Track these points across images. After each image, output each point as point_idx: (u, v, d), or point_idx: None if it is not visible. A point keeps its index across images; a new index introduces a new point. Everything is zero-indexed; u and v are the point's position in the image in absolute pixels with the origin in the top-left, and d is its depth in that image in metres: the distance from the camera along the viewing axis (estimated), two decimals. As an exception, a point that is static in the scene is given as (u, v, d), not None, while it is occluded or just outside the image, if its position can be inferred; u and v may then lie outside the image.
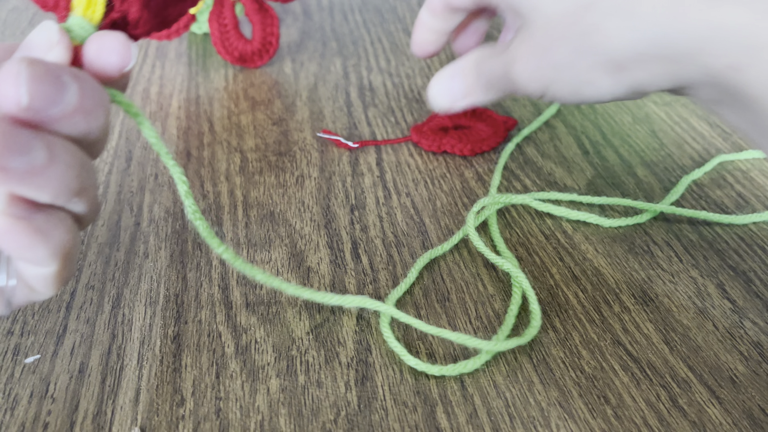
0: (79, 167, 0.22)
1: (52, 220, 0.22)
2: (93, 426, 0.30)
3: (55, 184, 0.21)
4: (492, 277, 0.38)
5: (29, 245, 0.21)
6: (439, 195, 0.45)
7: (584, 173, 0.47)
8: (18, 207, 0.21)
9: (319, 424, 0.30)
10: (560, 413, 0.30)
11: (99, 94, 0.22)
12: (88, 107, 0.21)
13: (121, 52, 0.23)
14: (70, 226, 0.23)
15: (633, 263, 0.39)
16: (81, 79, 0.21)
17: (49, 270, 0.23)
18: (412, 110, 0.54)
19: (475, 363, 0.32)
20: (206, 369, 0.32)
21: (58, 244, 0.22)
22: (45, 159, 0.20)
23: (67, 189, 0.22)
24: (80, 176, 0.22)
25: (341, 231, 0.41)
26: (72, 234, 0.23)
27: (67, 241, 0.23)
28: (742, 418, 0.30)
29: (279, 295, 0.36)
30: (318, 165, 0.47)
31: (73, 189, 0.22)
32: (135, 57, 0.23)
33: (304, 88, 0.57)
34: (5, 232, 0.21)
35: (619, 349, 0.34)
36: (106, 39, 0.23)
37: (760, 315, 0.36)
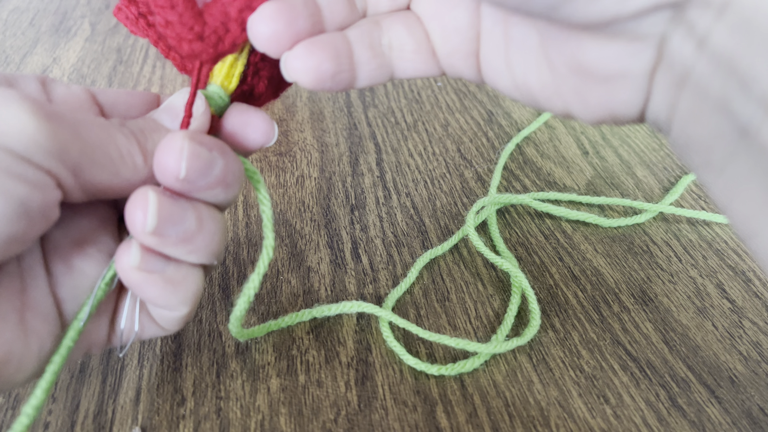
0: (221, 232, 0.23)
1: (182, 271, 0.23)
2: (94, 425, 0.30)
3: (202, 248, 0.23)
4: (491, 276, 0.38)
5: (162, 295, 0.23)
6: (439, 195, 0.45)
7: (584, 173, 0.47)
8: (151, 261, 0.22)
9: (320, 423, 0.30)
10: (560, 413, 0.31)
11: (238, 167, 0.23)
12: (229, 180, 0.23)
13: (266, 132, 0.24)
14: (201, 276, 0.24)
15: (632, 263, 0.39)
16: (226, 153, 0.22)
17: (180, 314, 0.24)
18: (412, 110, 0.54)
19: (475, 363, 0.32)
20: (207, 368, 0.32)
21: (189, 292, 0.23)
22: (195, 228, 0.22)
23: (211, 252, 0.23)
24: (221, 240, 0.24)
25: (341, 231, 0.41)
26: (201, 282, 0.24)
27: (197, 290, 0.24)
28: (741, 418, 0.30)
29: (279, 294, 0.36)
30: (318, 165, 0.47)
31: (215, 251, 0.23)
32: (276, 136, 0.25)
33: (304, 89, 0.57)
34: (140, 284, 0.22)
35: (618, 349, 0.34)
36: (254, 117, 0.24)
37: (759, 315, 0.36)
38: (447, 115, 0.54)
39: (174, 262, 0.23)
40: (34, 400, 0.21)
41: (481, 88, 0.58)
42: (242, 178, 0.24)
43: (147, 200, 0.21)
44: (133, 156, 0.21)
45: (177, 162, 0.21)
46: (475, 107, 0.55)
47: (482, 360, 0.32)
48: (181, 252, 0.22)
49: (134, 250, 0.22)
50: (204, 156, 0.21)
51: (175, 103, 0.24)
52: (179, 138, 0.21)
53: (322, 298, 0.36)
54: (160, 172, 0.21)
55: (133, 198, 0.21)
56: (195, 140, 0.21)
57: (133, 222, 0.21)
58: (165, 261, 0.22)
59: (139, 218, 0.21)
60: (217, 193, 0.22)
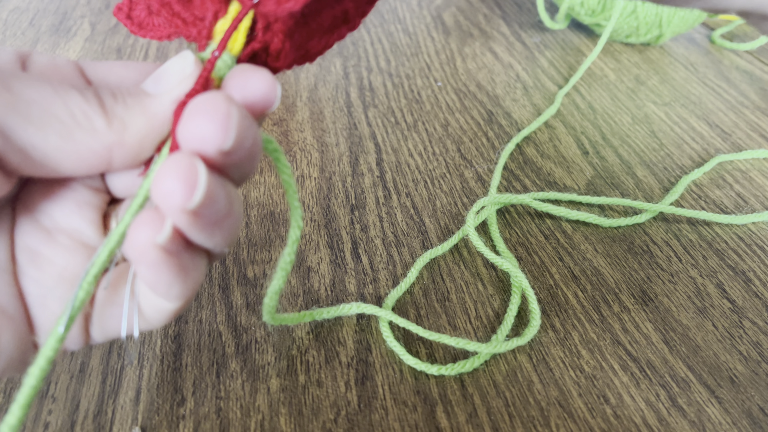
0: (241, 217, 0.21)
1: (195, 260, 0.21)
2: (94, 425, 0.30)
3: (228, 233, 0.20)
4: (491, 276, 0.38)
5: (171, 282, 0.20)
6: (439, 195, 0.45)
7: (584, 173, 0.47)
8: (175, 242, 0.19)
9: (320, 423, 0.30)
10: (560, 412, 0.31)
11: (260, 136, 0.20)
12: (255, 150, 0.20)
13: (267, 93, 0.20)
14: (206, 265, 0.22)
15: (632, 263, 0.39)
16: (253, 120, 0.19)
17: (175, 306, 0.22)
18: (412, 110, 0.54)
19: (474, 363, 0.32)
20: (207, 368, 0.32)
21: (192, 283, 0.21)
22: (226, 209, 0.19)
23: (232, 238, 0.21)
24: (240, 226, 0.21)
25: (341, 231, 0.41)
26: (204, 274, 0.22)
27: (200, 280, 0.21)
28: (741, 418, 0.30)
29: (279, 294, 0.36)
30: (318, 165, 0.47)
31: (234, 238, 0.21)
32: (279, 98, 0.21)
33: (304, 89, 0.57)
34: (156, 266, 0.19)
35: (618, 349, 0.34)
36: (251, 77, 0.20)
37: (760, 315, 0.36)
38: (447, 115, 0.54)
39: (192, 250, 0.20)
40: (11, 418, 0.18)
41: (481, 87, 0.58)
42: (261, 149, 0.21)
43: (196, 172, 0.17)
44: (89, 117, 0.18)
45: (224, 131, 0.17)
46: (475, 107, 0.55)
47: (482, 360, 0.32)
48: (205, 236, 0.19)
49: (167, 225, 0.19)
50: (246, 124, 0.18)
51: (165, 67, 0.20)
52: (224, 101, 0.17)
53: (322, 298, 0.36)
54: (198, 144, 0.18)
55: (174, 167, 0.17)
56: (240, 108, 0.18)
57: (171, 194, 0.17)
58: (185, 245, 0.20)
59: (179, 192, 0.17)
60: (244, 166, 0.20)
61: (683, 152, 0.50)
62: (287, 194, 0.23)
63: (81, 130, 0.18)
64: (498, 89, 0.57)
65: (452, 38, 0.67)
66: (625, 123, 0.53)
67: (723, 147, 0.50)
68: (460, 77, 0.59)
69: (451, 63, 0.62)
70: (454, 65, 0.61)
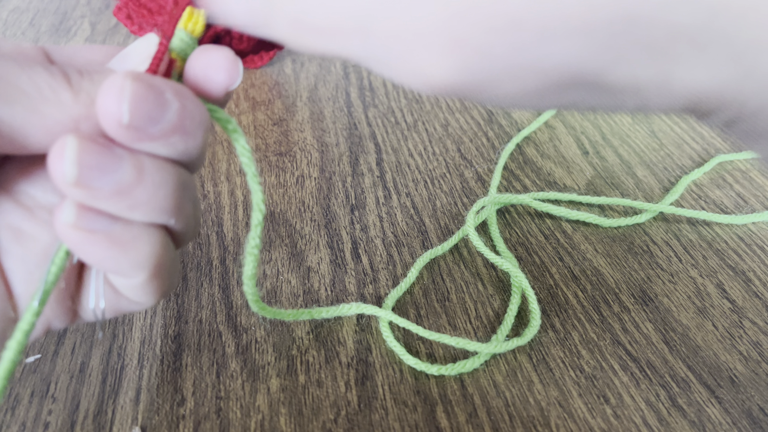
0: (172, 186, 0.21)
1: (133, 231, 0.20)
2: (94, 425, 0.30)
3: (145, 203, 0.20)
4: (492, 276, 0.38)
5: (109, 257, 0.20)
6: (439, 195, 0.45)
7: (584, 173, 0.47)
8: (90, 219, 0.20)
9: (320, 423, 0.30)
10: (560, 413, 0.31)
11: (200, 113, 0.20)
12: (188, 127, 0.20)
13: (229, 69, 0.21)
14: (158, 238, 0.21)
15: (632, 263, 0.39)
16: (183, 96, 0.20)
17: (137, 281, 0.22)
18: (412, 110, 0.54)
19: (474, 363, 0.32)
20: (207, 369, 0.32)
21: (141, 254, 0.21)
22: (132, 179, 0.19)
23: (158, 208, 0.20)
24: (174, 195, 0.21)
25: (341, 231, 0.41)
26: (159, 246, 0.21)
27: (152, 252, 0.21)
28: (741, 418, 0.30)
29: (279, 294, 0.36)
30: (318, 165, 0.47)
31: (165, 208, 0.21)
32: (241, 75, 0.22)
33: (304, 89, 0.57)
34: (79, 244, 0.20)
35: (618, 349, 0.34)
36: (213, 54, 0.21)
37: (760, 315, 0.36)
38: (447, 115, 0.54)
39: (122, 221, 0.20)
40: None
41: (481, 88, 0.58)
42: (207, 126, 0.21)
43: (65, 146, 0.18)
44: (55, 90, 0.18)
45: (117, 104, 0.18)
46: (475, 107, 0.55)
47: (482, 360, 0.32)
48: (119, 207, 0.19)
49: (67, 205, 0.19)
50: (152, 98, 0.19)
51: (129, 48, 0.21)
52: (120, 77, 0.18)
53: (322, 298, 0.36)
54: (103, 119, 0.18)
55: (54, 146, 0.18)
56: (140, 80, 0.19)
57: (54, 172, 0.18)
58: (110, 219, 0.20)
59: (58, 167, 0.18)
60: (174, 142, 0.20)
61: (683, 152, 0.50)
62: (247, 176, 0.23)
63: (47, 103, 0.18)
64: (498, 89, 0.57)
65: (452, 38, 0.66)
66: (625, 123, 0.53)
67: (723, 147, 0.50)
68: (460, 77, 0.59)
69: (451, 63, 0.62)
70: (454, 65, 0.61)
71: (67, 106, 0.19)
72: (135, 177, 0.19)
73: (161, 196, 0.20)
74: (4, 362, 0.19)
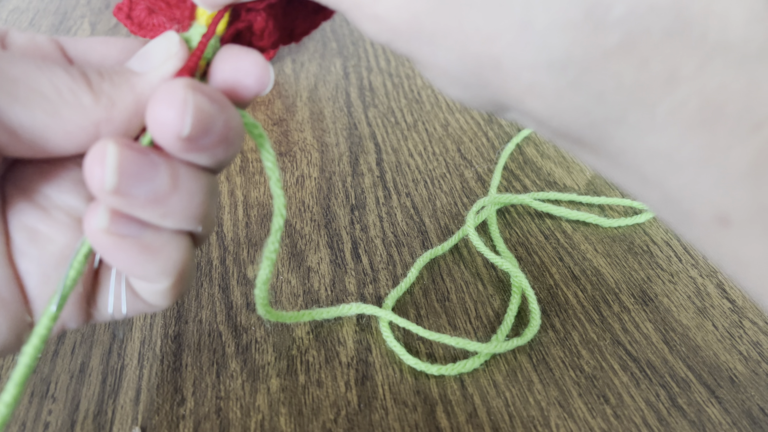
0: (204, 194, 0.20)
1: (163, 237, 0.20)
2: (94, 425, 0.30)
3: (179, 212, 0.20)
4: (492, 276, 0.38)
5: (138, 263, 0.20)
6: (439, 195, 0.45)
7: (584, 173, 0.47)
8: (122, 225, 0.19)
9: (320, 423, 0.30)
10: (560, 412, 0.31)
11: (239, 122, 0.20)
12: (231, 137, 0.19)
13: (260, 76, 0.20)
14: (185, 244, 0.21)
15: (632, 263, 0.39)
16: (226, 106, 0.19)
17: (162, 286, 0.21)
18: (412, 110, 0.54)
19: (474, 363, 0.32)
20: (207, 368, 0.32)
21: (169, 261, 0.21)
22: (168, 188, 0.19)
23: (190, 216, 0.20)
24: (205, 204, 0.20)
25: (341, 231, 0.41)
26: (186, 252, 0.21)
27: (179, 259, 0.21)
28: (741, 418, 0.30)
29: (279, 294, 0.36)
30: (318, 165, 0.47)
31: (196, 216, 0.21)
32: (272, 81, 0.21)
33: (304, 89, 0.57)
34: (110, 250, 0.19)
35: (618, 349, 0.34)
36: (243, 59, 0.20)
37: (759, 315, 0.36)
38: (447, 115, 0.54)
39: (152, 227, 0.20)
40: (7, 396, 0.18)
41: (481, 88, 0.58)
42: (243, 134, 0.20)
43: (105, 153, 0.18)
44: (76, 93, 0.18)
45: (180, 117, 0.17)
46: (475, 107, 0.55)
47: (482, 360, 0.32)
48: (153, 215, 0.19)
49: (101, 210, 0.19)
50: (207, 109, 0.18)
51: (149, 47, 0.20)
52: (181, 87, 0.18)
53: (322, 298, 0.36)
54: (158, 130, 0.18)
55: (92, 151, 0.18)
56: (198, 90, 0.18)
57: (90, 178, 0.18)
58: (140, 225, 0.20)
59: (96, 174, 0.18)
60: (217, 152, 0.20)
61: (683, 152, 0.50)
62: (270, 181, 0.23)
63: (68, 106, 0.18)
64: (498, 89, 0.57)
65: (452, 38, 0.66)
66: (625, 123, 0.53)
67: (723, 147, 0.50)
68: (460, 77, 0.59)
69: (451, 63, 0.62)
70: (454, 65, 0.61)
71: (88, 110, 0.18)
72: (171, 186, 0.19)
73: (194, 204, 0.20)
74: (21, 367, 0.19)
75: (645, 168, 0.17)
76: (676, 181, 0.17)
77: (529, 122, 0.19)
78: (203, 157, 0.20)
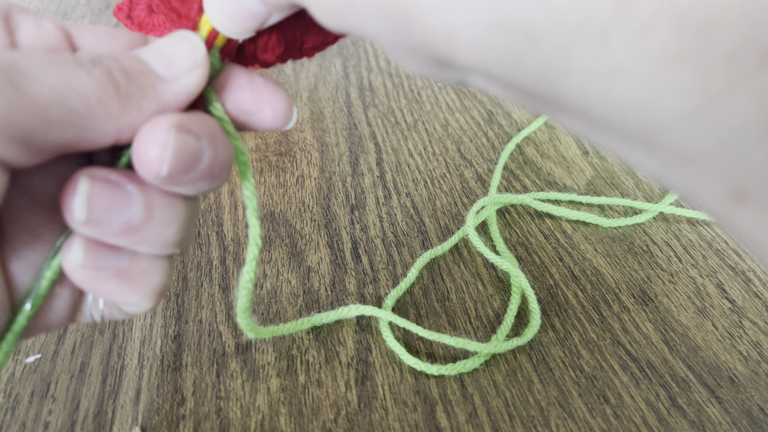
0: (181, 223, 0.20)
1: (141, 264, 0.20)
2: (94, 425, 0.30)
3: (152, 240, 0.20)
4: (491, 276, 0.38)
5: (118, 292, 0.20)
6: (439, 195, 0.45)
7: (584, 173, 0.47)
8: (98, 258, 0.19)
9: (320, 423, 0.30)
10: (560, 412, 0.31)
11: (228, 155, 0.20)
12: (216, 173, 0.19)
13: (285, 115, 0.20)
14: (163, 268, 0.21)
15: (632, 263, 0.39)
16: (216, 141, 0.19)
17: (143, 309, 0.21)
18: (412, 110, 0.54)
19: (474, 363, 0.32)
20: (207, 368, 0.32)
21: (149, 287, 0.21)
22: (142, 218, 0.19)
23: (167, 243, 0.20)
24: (182, 230, 0.20)
25: (341, 231, 0.41)
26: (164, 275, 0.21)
27: (159, 284, 0.21)
28: (741, 418, 0.30)
29: (279, 294, 0.36)
30: (318, 165, 0.47)
31: (173, 242, 0.20)
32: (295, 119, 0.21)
33: (304, 89, 0.57)
34: (89, 283, 0.19)
35: (618, 349, 0.34)
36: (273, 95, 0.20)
37: (759, 315, 0.36)
38: (447, 115, 0.54)
39: (129, 254, 0.20)
40: None
41: (481, 88, 0.58)
42: (231, 166, 0.20)
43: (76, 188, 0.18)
44: (105, 104, 0.17)
45: (159, 157, 0.17)
46: (475, 107, 0.55)
47: (482, 360, 0.32)
48: (128, 243, 0.19)
49: (76, 246, 0.19)
50: (191, 148, 0.18)
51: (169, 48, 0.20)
52: (164, 128, 0.18)
53: (322, 298, 0.36)
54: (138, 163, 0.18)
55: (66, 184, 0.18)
56: (183, 129, 0.18)
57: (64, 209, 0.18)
58: (117, 256, 0.20)
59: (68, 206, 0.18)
60: (200, 186, 0.19)
61: (683, 152, 0.50)
62: (247, 210, 0.22)
63: (96, 118, 0.18)
64: (498, 89, 0.57)
65: (452, 38, 0.66)
66: (625, 123, 0.53)
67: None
68: (460, 77, 0.59)
69: (451, 63, 0.62)
70: (454, 65, 0.61)
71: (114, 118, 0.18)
72: (145, 216, 0.19)
73: (170, 232, 0.20)
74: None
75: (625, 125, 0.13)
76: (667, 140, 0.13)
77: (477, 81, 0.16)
78: (184, 189, 0.19)
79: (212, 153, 0.19)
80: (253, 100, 0.20)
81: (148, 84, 0.19)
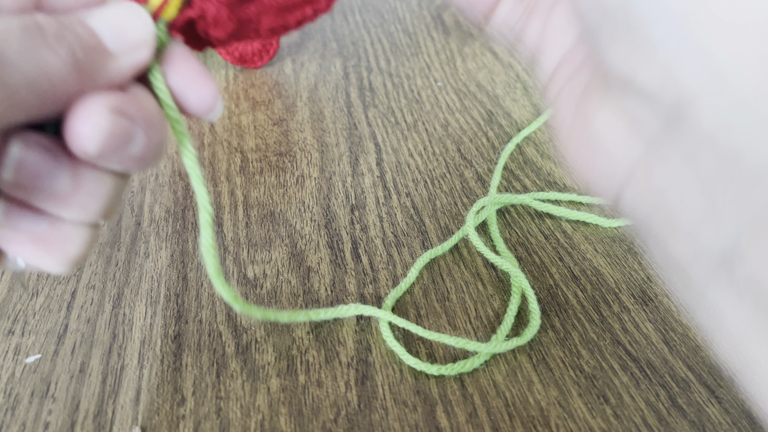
0: (107, 195, 0.21)
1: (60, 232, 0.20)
2: (94, 425, 0.30)
3: (77, 209, 0.20)
4: (491, 276, 0.38)
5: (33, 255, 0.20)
6: (439, 195, 0.45)
7: (584, 173, 0.47)
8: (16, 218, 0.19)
9: (320, 423, 0.30)
10: (559, 412, 0.31)
11: (161, 140, 0.20)
12: (148, 158, 0.20)
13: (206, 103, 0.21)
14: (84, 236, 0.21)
15: (632, 263, 0.39)
16: (151, 126, 0.19)
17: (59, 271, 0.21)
18: (412, 110, 0.54)
19: (474, 363, 0.32)
20: (207, 368, 0.32)
21: (66, 254, 0.21)
22: (69, 188, 0.19)
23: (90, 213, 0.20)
24: (107, 202, 0.21)
25: (341, 231, 0.41)
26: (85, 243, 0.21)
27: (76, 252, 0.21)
28: (741, 418, 0.30)
29: (279, 294, 0.36)
30: (318, 165, 0.47)
31: (98, 212, 0.21)
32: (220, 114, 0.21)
33: (304, 89, 0.57)
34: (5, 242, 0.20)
35: (618, 349, 0.34)
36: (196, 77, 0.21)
37: (760, 315, 0.36)
38: (447, 115, 0.54)
39: (49, 219, 0.20)
40: None
41: (481, 87, 0.58)
42: (163, 152, 0.20)
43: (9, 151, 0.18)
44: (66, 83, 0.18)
45: (91, 137, 0.18)
46: (475, 107, 0.55)
47: (482, 360, 0.32)
48: (51, 208, 0.19)
49: None
50: (123, 131, 0.18)
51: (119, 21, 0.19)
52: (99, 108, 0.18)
53: (322, 298, 0.36)
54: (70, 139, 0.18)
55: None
56: (118, 112, 0.18)
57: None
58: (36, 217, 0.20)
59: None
60: (128, 167, 0.20)
61: (683, 152, 0.50)
62: (191, 178, 0.22)
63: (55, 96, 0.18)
64: (498, 89, 0.57)
65: (452, 38, 0.67)
66: (625, 123, 0.53)
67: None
68: (460, 77, 0.59)
69: (451, 63, 0.62)
70: (454, 65, 0.61)
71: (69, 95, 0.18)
72: (72, 187, 0.19)
73: (96, 204, 0.20)
74: None
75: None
76: None
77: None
78: (113, 166, 0.20)
79: (145, 137, 0.19)
80: (182, 83, 0.21)
81: (101, 60, 0.19)
